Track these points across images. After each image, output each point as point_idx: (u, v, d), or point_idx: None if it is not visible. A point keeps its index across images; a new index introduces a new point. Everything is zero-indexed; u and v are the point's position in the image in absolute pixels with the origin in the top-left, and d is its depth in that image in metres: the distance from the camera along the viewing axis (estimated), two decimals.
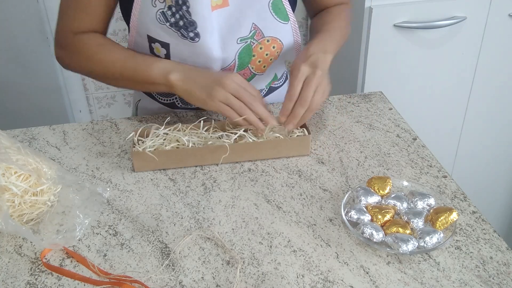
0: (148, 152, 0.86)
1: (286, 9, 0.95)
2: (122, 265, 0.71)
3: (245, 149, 0.90)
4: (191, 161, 0.89)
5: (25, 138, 0.99)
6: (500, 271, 0.69)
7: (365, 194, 0.79)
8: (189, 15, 0.89)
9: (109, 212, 0.81)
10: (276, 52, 0.99)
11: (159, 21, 0.91)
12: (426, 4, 1.41)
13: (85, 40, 0.95)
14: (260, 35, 0.95)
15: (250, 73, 1.01)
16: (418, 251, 0.71)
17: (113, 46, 0.96)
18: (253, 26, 0.94)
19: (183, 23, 0.90)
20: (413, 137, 0.98)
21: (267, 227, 0.77)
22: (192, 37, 0.91)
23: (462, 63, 1.54)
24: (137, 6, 0.91)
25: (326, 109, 1.07)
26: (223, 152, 0.88)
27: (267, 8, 0.93)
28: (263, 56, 0.99)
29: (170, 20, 0.90)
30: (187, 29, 0.90)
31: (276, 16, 0.94)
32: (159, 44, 0.94)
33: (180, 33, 0.91)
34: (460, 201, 0.82)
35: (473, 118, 1.67)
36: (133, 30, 0.95)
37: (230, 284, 0.68)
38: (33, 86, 1.84)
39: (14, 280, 0.69)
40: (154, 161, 0.87)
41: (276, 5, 0.94)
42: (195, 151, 0.88)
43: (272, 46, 0.98)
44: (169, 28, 0.91)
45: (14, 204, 0.75)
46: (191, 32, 0.90)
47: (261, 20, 0.94)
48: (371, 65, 1.48)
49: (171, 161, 0.88)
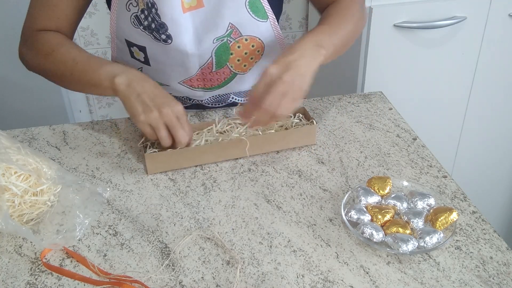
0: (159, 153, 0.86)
1: (264, 7, 0.93)
2: (122, 265, 0.71)
3: (253, 143, 0.90)
4: (205, 158, 0.89)
5: (25, 138, 0.99)
6: (500, 271, 0.69)
7: (365, 194, 0.79)
8: (159, 17, 0.89)
9: (109, 212, 0.81)
10: (257, 51, 0.98)
11: (134, 25, 0.92)
12: (426, 4, 1.41)
13: (45, 37, 0.94)
14: (237, 34, 0.94)
15: (230, 72, 1.00)
16: (418, 251, 0.71)
17: (70, 46, 0.93)
18: (230, 25, 0.93)
19: (154, 26, 0.90)
20: (413, 137, 0.98)
21: (267, 227, 0.77)
22: (165, 39, 0.91)
23: (462, 63, 1.54)
24: (114, 11, 0.92)
25: (326, 109, 1.07)
26: (237, 147, 0.88)
27: (244, 7, 0.92)
28: (241, 55, 0.97)
29: (143, 23, 0.91)
30: (159, 32, 0.90)
31: (253, 14, 0.93)
32: (137, 48, 0.95)
33: (153, 35, 0.91)
34: (460, 201, 0.82)
35: (473, 118, 1.67)
36: (113, 35, 0.96)
37: (230, 284, 0.68)
38: (33, 86, 1.84)
39: (14, 280, 0.69)
40: (168, 162, 0.87)
41: (254, 4, 0.92)
42: (208, 148, 0.88)
43: (251, 44, 0.96)
44: (143, 31, 0.92)
45: (14, 204, 0.75)
46: (163, 34, 0.90)
47: (238, 19, 0.93)
48: (371, 65, 1.48)
49: (186, 160, 0.88)
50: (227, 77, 1.01)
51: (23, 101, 1.87)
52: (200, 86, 1.02)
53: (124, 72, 0.86)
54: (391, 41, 1.44)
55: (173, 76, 0.99)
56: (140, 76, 0.86)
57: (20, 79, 1.83)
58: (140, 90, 0.84)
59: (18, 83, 1.83)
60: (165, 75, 0.99)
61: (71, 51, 0.92)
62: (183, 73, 0.98)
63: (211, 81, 1.01)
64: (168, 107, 0.84)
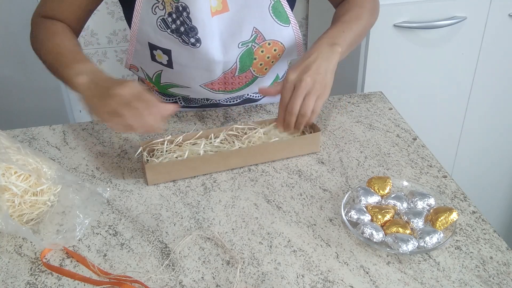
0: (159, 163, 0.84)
1: (286, 12, 0.94)
2: (122, 265, 0.71)
3: (257, 152, 0.89)
4: (207, 168, 0.88)
5: (25, 138, 0.99)
6: (500, 271, 0.69)
7: (365, 194, 0.79)
8: (190, 21, 0.89)
9: (109, 212, 0.81)
10: (278, 54, 0.99)
11: (160, 28, 0.91)
12: (426, 4, 1.41)
13: (46, 24, 0.95)
14: (261, 39, 0.95)
15: (252, 76, 1.01)
16: (418, 251, 0.71)
17: (64, 37, 0.92)
18: (254, 30, 0.94)
19: (184, 29, 0.90)
20: (413, 137, 0.98)
21: (267, 227, 0.77)
22: (193, 43, 0.91)
23: (462, 63, 1.54)
24: (137, 15, 0.91)
25: (326, 109, 1.07)
26: (237, 156, 0.88)
27: (268, 12, 0.93)
28: (264, 59, 0.99)
29: (171, 27, 0.90)
30: (188, 35, 0.90)
31: (276, 19, 0.94)
32: (160, 51, 0.94)
33: (181, 39, 0.91)
34: (460, 201, 0.82)
35: (473, 118, 1.67)
36: (133, 39, 0.95)
37: (230, 284, 0.68)
38: (33, 86, 1.84)
39: (14, 280, 0.69)
40: (168, 173, 0.86)
41: (277, 9, 0.93)
42: (208, 159, 0.86)
43: (274, 49, 0.97)
44: (170, 34, 0.91)
45: (14, 204, 0.75)
46: (192, 38, 0.90)
47: (262, 24, 0.94)
48: (371, 65, 1.48)
49: (185, 171, 0.87)
50: (248, 80, 1.02)
51: (23, 101, 1.87)
52: (220, 89, 1.02)
53: (88, 71, 0.83)
54: (391, 41, 1.44)
55: (196, 79, 0.99)
56: (99, 75, 0.82)
57: (20, 79, 1.83)
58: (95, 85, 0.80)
59: (18, 83, 1.83)
60: (187, 78, 0.99)
61: (60, 42, 0.91)
62: (206, 77, 0.98)
63: (232, 85, 1.02)
64: (117, 88, 0.77)
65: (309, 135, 0.92)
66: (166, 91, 1.06)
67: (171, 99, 1.09)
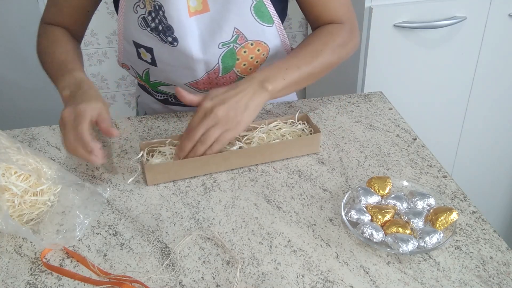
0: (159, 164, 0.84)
1: (269, 11, 0.93)
2: (122, 265, 0.71)
3: (257, 153, 0.89)
4: (207, 169, 0.88)
5: (25, 138, 0.99)
6: (500, 271, 0.69)
7: (365, 194, 0.79)
8: (166, 20, 0.89)
9: (109, 212, 0.81)
10: (262, 54, 0.98)
11: (141, 27, 0.92)
12: (426, 4, 1.41)
13: (47, 32, 0.97)
14: (243, 39, 0.94)
15: (236, 76, 1.00)
16: (418, 251, 0.71)
17: (58, 45, 0.94)
18: (235, 31, 0.93)
19: (161, 28, 0.90)
20: (413, 137, 0.98)
21: (267, 227, 0.77)
22: (171, 42, 0.91)
23: (462, 63, 1.54)
24: (121, 13, 0.93)
25: (326, 109, 1.07)
26: (237, 157, 0.88)
27: (249, 12, 0.92)
28: (247, 60, 0.98)
29: (150, 25, 0.91)
30: (165, 34, 0.91)
31: (259, 19, 0.93)
32: (144, 49, 0.96)
33: (159, 37, 0.92)
34: (460, 201, 0.82)
35: (473, 118, 1.67)
36: (121, 37, 0.97)
37: (230, 284, 0.68)
38: (33, 86, 1.84)
39: (14, 280, 0.69)
40: (167, 173, 0.86)
41: (259, 9, 0.92)
42: (208, 159, 0.86)
43: (257, 49, 0.96)
44: (150, 33, 0.92)
45: (14, 204, 0.75)
46: (169, 37, 0.91)
47: (243, 24, 0.93)
48: (371, 65, 1.48)
49: (185, 171, 0.87)
50: (233, 81, 1.01)
51: (23, 101, 1.88)
52: (206, 89, 1.02)
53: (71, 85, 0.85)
54: (391, 41, 1.44)
55: (181, 77, 0.99)
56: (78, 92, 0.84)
57: (20, 79, 1.83)
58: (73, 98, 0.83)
59: (18, 83, 1.84)
60: (172, 76, 1.00)
61: (57, 51, 0.94)
62: (189, 76, 0.98)
63: (217, 85, 1.01)
64: (65, 110, 0.80)
65: (309, 136, 0.92)
66: (157, 89, 1.08)
67: (162, 96, 1.10)
